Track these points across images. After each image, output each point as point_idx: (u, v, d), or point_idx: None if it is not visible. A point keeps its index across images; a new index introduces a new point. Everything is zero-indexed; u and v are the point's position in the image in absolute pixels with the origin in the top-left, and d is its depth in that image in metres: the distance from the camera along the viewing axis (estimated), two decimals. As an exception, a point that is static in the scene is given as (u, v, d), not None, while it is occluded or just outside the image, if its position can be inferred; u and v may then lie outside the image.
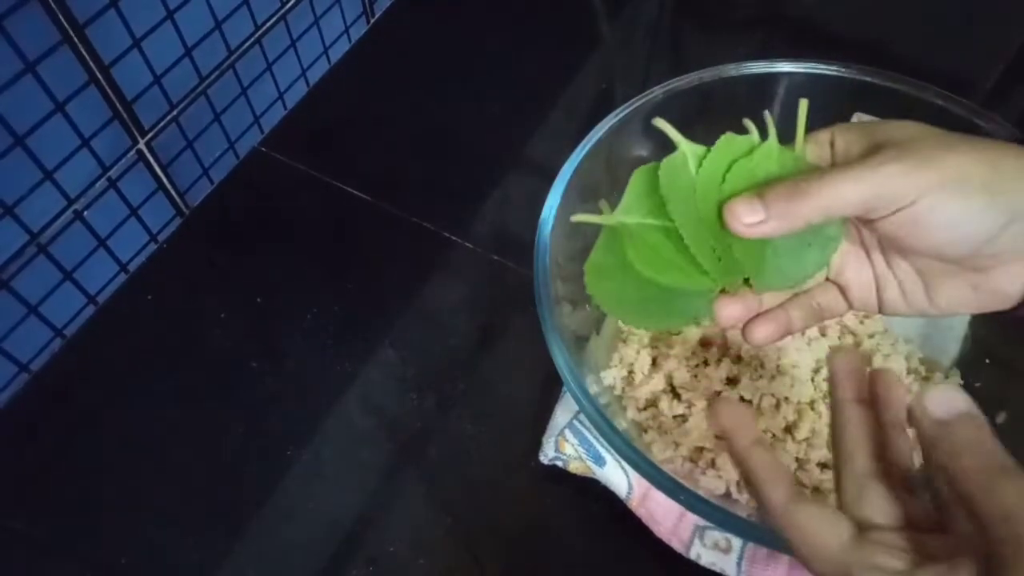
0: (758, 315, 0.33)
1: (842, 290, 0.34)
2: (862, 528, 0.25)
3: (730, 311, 0.32)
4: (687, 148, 0.31)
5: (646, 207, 0.31)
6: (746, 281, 0.31)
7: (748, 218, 0.28)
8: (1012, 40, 0.68)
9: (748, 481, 0.28)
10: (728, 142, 0.31)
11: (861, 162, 0.28)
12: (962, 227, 0.28)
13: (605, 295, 0.33)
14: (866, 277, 0.33)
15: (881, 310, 0.34)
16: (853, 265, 0.33)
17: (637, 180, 0.32)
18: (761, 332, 0.33)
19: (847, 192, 0.28)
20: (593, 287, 0.33)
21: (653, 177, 0.31)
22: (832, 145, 0.32)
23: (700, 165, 0.30)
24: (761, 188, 0.29)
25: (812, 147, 0.32)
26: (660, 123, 0.31)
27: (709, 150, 0.30)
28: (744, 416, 0.29)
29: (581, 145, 0.42)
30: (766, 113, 0.31)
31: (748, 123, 0.31)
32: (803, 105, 0.32)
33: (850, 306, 0.34)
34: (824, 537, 0.25)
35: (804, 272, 0.32)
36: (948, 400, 0.24)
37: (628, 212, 0.32)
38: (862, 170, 0.28)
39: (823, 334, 0.47)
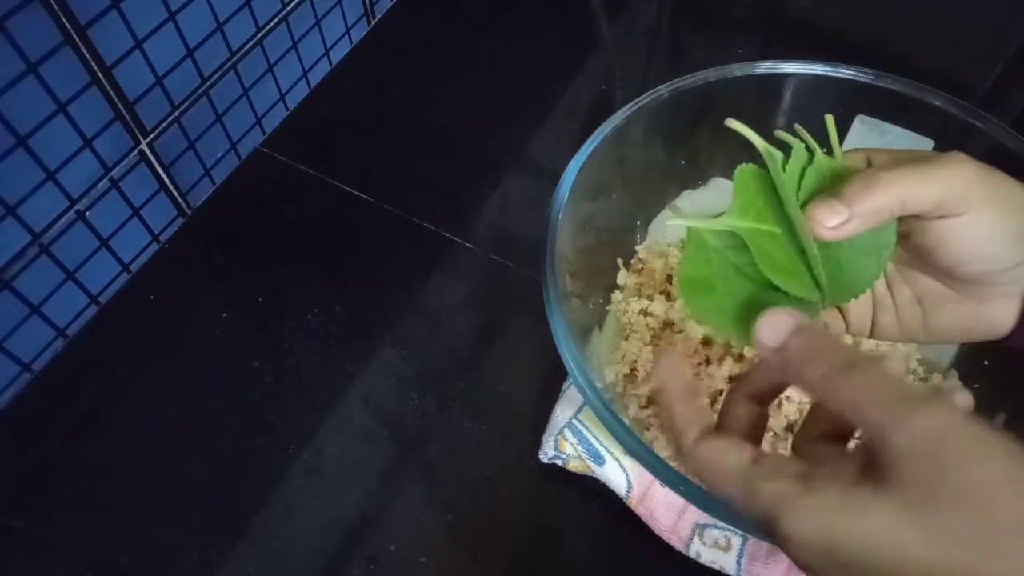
0: None
1: (842, 312, 0.35)
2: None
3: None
4: (777, 157, 0.29)
5: (752, 212, 0.30)
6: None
7: (831, 220, 0.28)
8: (1011, 40, 0.68)
9: (669, 430, 0.28)
10: (797, 149, 0.30)
11: (934, 159, 0.28)
12: (992, 246, 0.29)
13: (703, 309, 0.31)
14: (865, 301, 0.34)
15: (872, 334, 0.35)
16: None
17: (741, 181, 0.30)
18: None
19: (925, 183, 0.28)
20: (690, 301, 0.31)
21: (756, 178, 0.30)
22: (869, 164, 0.32)
23: (784, 171, 0.29)
24: (833, 190, 0.29)
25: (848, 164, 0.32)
26: (736, 125, 0.29)
27: (787, 158, 0.30)
28: (676, 368, 0.28)
29: (589, 141, 0.42)
30: (797, 126, 0.31)
31: (782, 134, 0.30)
32: (830, 120, 0.31)
33: (847, 328, 0.35)
34: (726, 460, 0.25)
35: (866, 282, 0.31)
36: (776, 325, 0.25)
37: (739, 217, 0.30)
38: (939, 165, 0.28)
39: (823, 334, 0.48)
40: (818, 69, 0.45)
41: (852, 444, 0.27)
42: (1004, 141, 0.41)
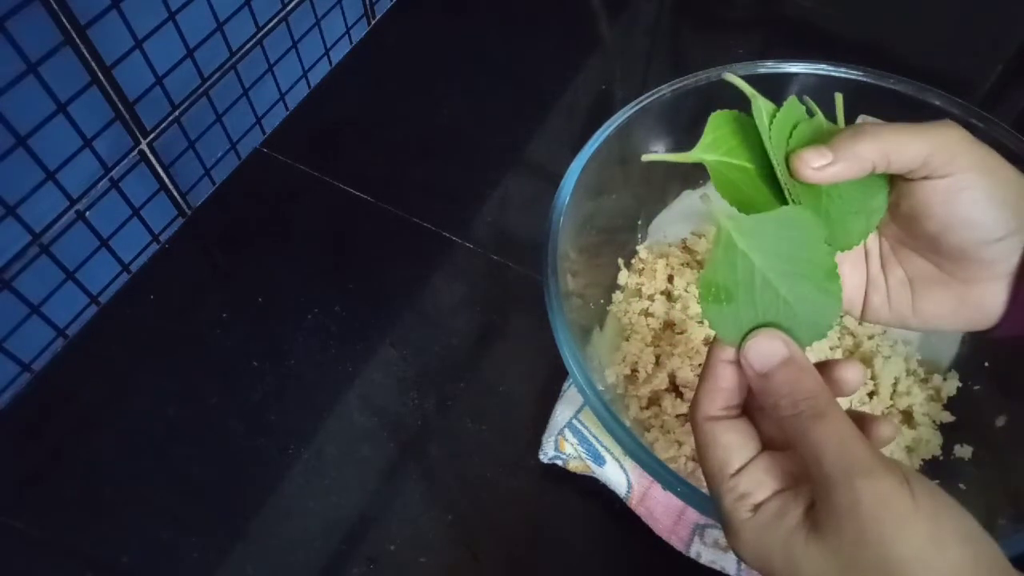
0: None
1: None
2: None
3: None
4: (762, 103, 0.31)
5: (723, 148, 0.31)
6: None
7: (816, 162, 0.29)
8: (1011, 40, 0.68)
9: (699, 382, 0.29)
10: (793, 104, 0.31)
11: (923, 124, 0.30)
12: (976, 211, 0.29)
13: (719, 317, 0.30)
14: (858, 279, 0.35)
15: (863, 316, 0.35)
16: (850, 263, 0.35)
17: (715, 123, 0.32)
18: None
19: (911, 140, 0.29)
20: (707, 307, 0.30)
21: (731, 121, 0.31)
22: None
23: (772, 121, 0.31)
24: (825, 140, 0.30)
25: None
26: (732, 78, 0.31)
27: (778, 109, 0.31)
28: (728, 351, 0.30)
29: (592, 140, 0.42)
30: (806, 98, 0.32)
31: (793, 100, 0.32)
32: (839, 98, 0.33)
33: None
34: (714, 454, 0.27)
35: (850, 240, 0.32)
36: (766, 352, 0.27)
37: (708, 151, 0.31)
38: (927, 127, 0.29)
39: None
40: (819, 69, 0.45)
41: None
42: (1004, 141, 0.41)
